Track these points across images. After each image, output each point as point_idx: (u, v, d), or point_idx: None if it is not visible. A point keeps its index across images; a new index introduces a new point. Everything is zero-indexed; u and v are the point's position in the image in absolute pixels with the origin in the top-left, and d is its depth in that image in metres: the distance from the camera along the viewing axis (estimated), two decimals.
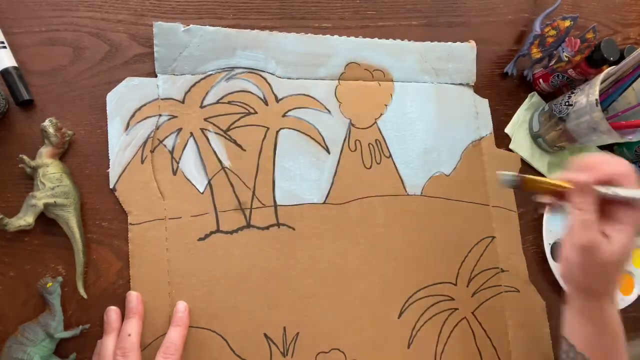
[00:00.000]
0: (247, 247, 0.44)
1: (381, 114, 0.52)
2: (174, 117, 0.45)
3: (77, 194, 0.41)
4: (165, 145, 0.44)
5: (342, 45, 0.51)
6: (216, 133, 0.46)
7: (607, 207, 0.35)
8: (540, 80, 0.59)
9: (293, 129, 0.48)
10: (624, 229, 0.34)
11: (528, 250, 0.55)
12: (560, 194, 0.37)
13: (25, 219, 0.38)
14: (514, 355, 0.51)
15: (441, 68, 0.55)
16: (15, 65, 0.42)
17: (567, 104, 0.53)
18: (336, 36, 0.51)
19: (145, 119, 0.44)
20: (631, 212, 0.35)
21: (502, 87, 0.59)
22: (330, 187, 0.48)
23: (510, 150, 0.57)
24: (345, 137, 0.50)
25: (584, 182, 0.35)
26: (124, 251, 0.42)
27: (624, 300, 0.57)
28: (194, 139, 0.45)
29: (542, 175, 0.58)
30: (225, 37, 0.47)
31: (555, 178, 0.37)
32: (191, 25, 0.46)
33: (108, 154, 0.43)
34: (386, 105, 0.52)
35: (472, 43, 0.57)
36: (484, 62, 0.58)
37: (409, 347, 0.47)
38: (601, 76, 0.50)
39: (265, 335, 0.43)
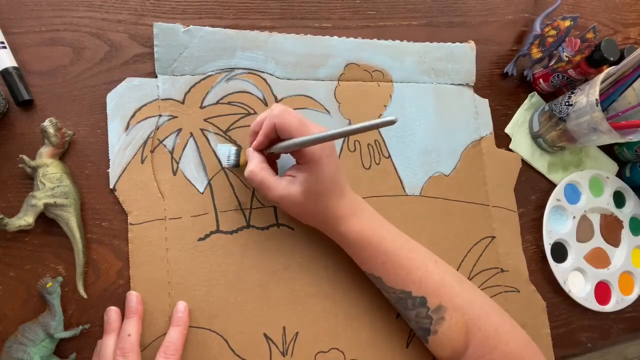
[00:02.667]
0: (247, 247, 0.44)
1: (380, 115, 0.52)
2: (174, 117, 0.45)
3: (77, 194, 0.41)
4: (165, 146, 0.44)
5: (342, 45, 0.51)
6: (216, 133, 0.46)
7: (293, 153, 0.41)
8: (540, 80, 0.59)
9: None
10: (300, 167, 0.40)
11: (528, 250, 0.55)
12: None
13: (25, 219, 0.38)
14: None
15: (441, 68, 0.55)
16: (15, 65, 0.42)
17: (567, 104, 0.53)
18: (335, 37, 0.51)
19: (145, 119, 0.44)
20: (300, 153, 0.40)
21: (502, 87, 0.59)
22: None
23: (510, 150, 0.57)
24: (345, 137, 0.50)
25: (253, 151, 0.42)
26: (124, 251, 0.42)
27: (624, 300, 0.57)
28: (194, 139, 0.45)
29: (542, 175, 0.58)
30: (225, 37, 0.47)
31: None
32: (191, 25, 0.46)
33: (108, 154, 0.43)
34: (385, 106, 0.52)
35: (472, 43, 0.57)
36: (484, 62, 0.58)
37: (407, 347, 0.47)
38: (601, 76, 0.50)
39: (265, 335, 0.43)
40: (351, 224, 0.42)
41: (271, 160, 0.43)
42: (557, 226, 0.57)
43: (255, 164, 0.41)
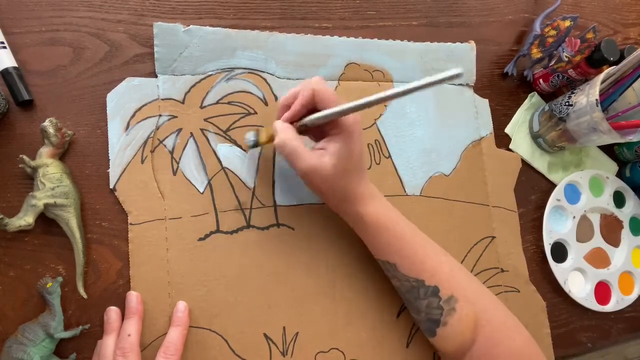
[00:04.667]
0: (247, 247, 0.44)
1: (380, 115, 0.52)
2: (174, 117, 0.45)
3: (77, 194, 0.41)
4: (165, 146, 0.44)
5: (342, 45, 0.51)
6: (216, 133, 0.46)
7: (323, 130, 0.41)
8: (540, 80, 0.59)
9: None
10: (333, 138, 0.40)
11: (528, 250, 0.55)
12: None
13: (25, 219, 0.38)
14: None
15: (441, 68, 0.55)
16: (15, 65, 0.42)
17: (567, 104, 0.53)
18: (336, 37, 0.51)
19: (145, 119, 0.44)
20: (334, 125, 0.40)
21: (502, 87, 0.59)
22: None
23: (510, 150, 0.57)
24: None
25: (283, 122, 0.41)
26: (124, 251, 0.42)
27: (623, 300, 0.57)
28: (194, 139, 0.45)
29: (542, 175, 0.58)
30: (225, 37, 0.47)
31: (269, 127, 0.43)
32: (191, 25, 0.46)
33: (108, 154, 0.43)
34: (385, 106, 0.52)
35: (472, 43, 0.57)
36: (484, 62, 0.58)
37: (407, 347, 0.47)
38: (601, 76, 0.50)
39: (265, 335, 0.43)
40: (370, 206, 0.42)
41: None
42: (557, 226, 0.57)
43: (288, 134, 0.40)
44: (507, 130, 0.58)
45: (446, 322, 0.41)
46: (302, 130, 0.42)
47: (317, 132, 0.42)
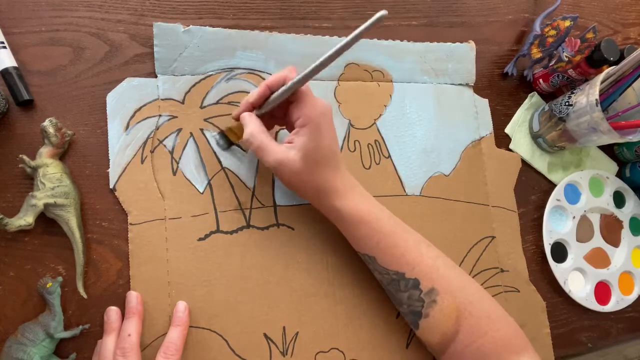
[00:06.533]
0: (247, 247, 0.44)
1: (380, 115, 0.52)
2: (174, 117, 0.45)
3: (77, 194, 0.41)
4: (165, 146, 0.44)
5: None
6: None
7: (293, 122, 0.40)
8: (540, 80, 0.59)
9: None
10: (299, 131, 0.39)
11: (528, 250, 0.55)
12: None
13: (25, 219, 0.38)
14: None
15: (440, 68, 0.55)
16: (15, 65, 0.42)
17: (567, 104, 0.53)
18: (336, 37, 0.51)
19: (145, 119, 0.44)
20: (294, 111, 0.39)
21: (502, 87, 0.59)
22: None
23: (510, 150, 0.57)
24: (345, 137, 0.50)
25: (248, 115, 0.41)
26: (124, 251, 0.42)
27: (623, 300, 0.57)
28: (194, 139, 0.45)
29: (542, 176, 0.58)
30: (225, 37, 0.47)
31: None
32: (191, 25, 0.46)
33: (108, 154, 0.43)
34: (385, 106, 0.52)
35: (472, 43, 0.57)
36: (484, 62, 0.58)
37: (407, 347, 0.47)
38: (601, 76, 0.50)
39: (265, 335, 0.43)
40: (347, 199, 0.41)
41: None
42: (557, 226, 0.57)
43: (254, 127, 0.40)
44: (507, 130, 0.58)
45: (428, 314, 0.41)
46: (273, 122, 0.42)
47: (289, 124, 0.42)
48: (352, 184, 0.43)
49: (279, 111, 0.42)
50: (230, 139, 0.45)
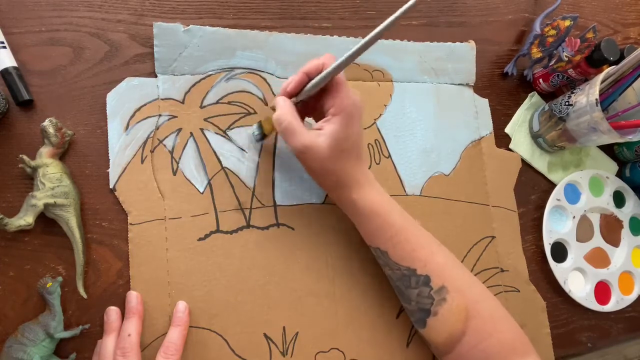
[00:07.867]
0: (247, 247, 0.44)
1: (380, 115, 0.52)
2: (174, 117, 0.45)
3: (77, 194, 0.41)
4: (165, 145, 0.44)
5: (342, 45, 0.51)
6: (216, 133, 0.46)
7: (323, 110, 0.40)
8: (540, 80, 0.59)
9: None
10: (331, 119, 0.39)
11: (528, 250, 0.55)
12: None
13: (25, 219, 0.38)
14: None
15: (441, 68, 0.55)
16: (15, 65, 0.42)
17: (567, 103, 0.53)
18: (335, 36, 0.51)
19: (145, 119, 0.44)
20: (328, 99, 0.39)
21: (502, 87, 0.59)
22: None
23: (510, 150, 0.57)
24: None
25: (282, 99, 0.41)
26: (124, 251, 0.42)
27: (623, 300, 0.57)
28: (194, 139, 0.45)
29: (542, 175, 0.58)
30: (225, 37, 0.47)
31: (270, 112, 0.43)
32: (191, 25, 0.46)
33: (108, 153, 0.43)
34: (385, 106, 0.52)
35: (472, 43, 0.57)
36: (484, 62, 0.58)
37: (407, 347, 0.47)
38: (601, 76, 0.50)
39: (265, 335, 0.43)
40: (364, 192, 0.42)
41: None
42: (557, 226, 0.57)
43: (286, 108, 0.40)
44: (507, 130, 0.58)
45: (436, 312, 0.41)
46: (305, 111, 0.42)
47: (319, 113, 0.42)
48: (371, 178, 0.43)
49: (311, 100, 0.42)
50: (264, 129, 0.45)
